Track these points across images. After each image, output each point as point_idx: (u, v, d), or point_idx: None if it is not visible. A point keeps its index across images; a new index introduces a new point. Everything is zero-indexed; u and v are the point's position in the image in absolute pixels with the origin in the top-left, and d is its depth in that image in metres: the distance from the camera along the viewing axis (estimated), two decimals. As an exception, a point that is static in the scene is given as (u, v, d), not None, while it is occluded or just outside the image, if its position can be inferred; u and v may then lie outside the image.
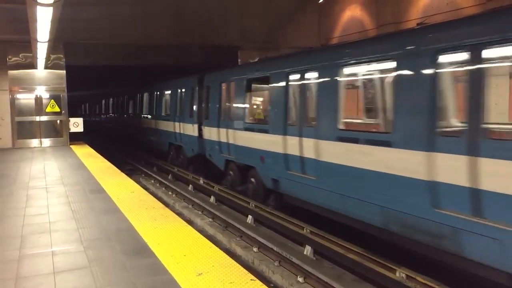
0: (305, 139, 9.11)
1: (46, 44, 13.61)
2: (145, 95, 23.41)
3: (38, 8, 8.81)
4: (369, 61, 7.88)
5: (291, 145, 9.58)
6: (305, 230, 8.52)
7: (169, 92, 19.28)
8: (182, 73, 17.90)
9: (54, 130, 19.29)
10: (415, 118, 6.49)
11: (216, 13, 19.93)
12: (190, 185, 14.76)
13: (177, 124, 17.67)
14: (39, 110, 18.85)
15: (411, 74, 6.66)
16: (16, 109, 18.51)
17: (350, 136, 7.93)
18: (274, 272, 7.57)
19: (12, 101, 18.40)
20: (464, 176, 5.64)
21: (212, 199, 12.78)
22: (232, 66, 14.40)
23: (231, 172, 13.04)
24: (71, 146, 18.91)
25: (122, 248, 5.75)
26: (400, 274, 6.26)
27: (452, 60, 6.25)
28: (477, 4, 13.45)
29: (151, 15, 18.97)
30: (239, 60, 20.94)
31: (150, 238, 6.08)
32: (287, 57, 11.19)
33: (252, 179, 11.72)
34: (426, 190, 6.21)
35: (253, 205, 10.69)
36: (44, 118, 18.99)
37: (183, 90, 17.25)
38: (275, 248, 8.29)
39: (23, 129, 18.76)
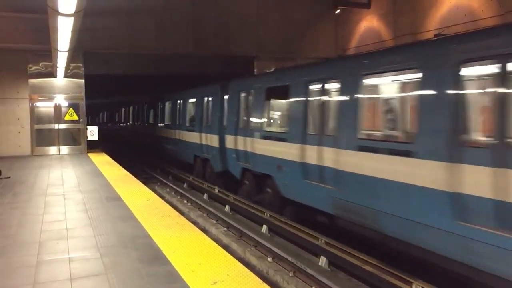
0: None
1: (66, 53, 13.83)
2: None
3: (60, 18, 8.95)
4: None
5: None
6: (320, 241, 8.46)
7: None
8: (198, 82, 18.04)
9: (72, 138, 19.54)
10: None
11: (233, 23, 20.14)
12: (205, 194, 14.80)
13: None
14: (57, 118, 19.13)
15: None
16: (35, 117, 18.81)
17: None
18: (288, 283, 7.53)
19: (32, 109, 18.71)
20: None
21: (227, 208, 12.80)
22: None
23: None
24: (88, 154, 19.13)
25: (138, 255, 5.78)
26: (416, 287, 6.18)
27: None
28: (496, 15, 13.34)
29: (170, 25, 19.24)
30: (255, 70, 21.04)
31: (165, 246, 6.11)
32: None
33: None
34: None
35: (268, 214, 10.66)
36: (62, 126, 19.26)
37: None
38: (289, 259, 8.26)
39: (42, 137, 19.03)
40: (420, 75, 6.71)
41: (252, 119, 12.16)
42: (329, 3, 20.84)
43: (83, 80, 19.15)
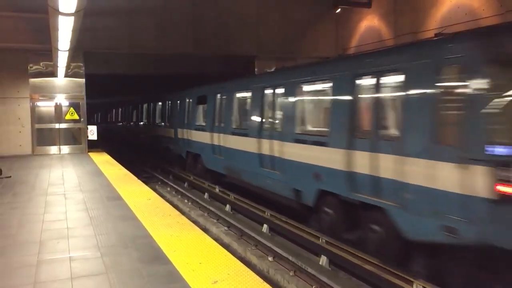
0: None
1: (67, 53, 13.84)
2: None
3: (60, 17, 8.96)
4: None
5: None
6: (320, 240, 8.47)
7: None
8: (198, 83, 18.10)
9: (73, 138, 19.55)
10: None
11: (233, 23, 20.12)
12: (206, 193, 14.81)
13: None
14: (58, 118, 19.14)
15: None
16: (36, 117, 18.82)
17: None
18: (289, 282, 7.53)
19: (33, 109, 18.73)
20: None
21: (227, 207, 12.81)
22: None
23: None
24: (89, 153, 19.14)
25: (138, 255, 5.79)
26: (417, 286, 6.18)
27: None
28: (496, 14, 13.34)
29: (170, 25, 19.25)
30: (255, 70, 21.04)
31: (166, 246, 6.11)
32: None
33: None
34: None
35: (269, 214, 10.68)
36: (63, 125, 19.27)
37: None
38: (290, 258, 8.26)
39: (43, 136, 19.04)
40: (250, 94, 12.55)
41: (191, 117, 17.54)
42: (329, 3, 20.80)
43: (83, 80, 19.16)
